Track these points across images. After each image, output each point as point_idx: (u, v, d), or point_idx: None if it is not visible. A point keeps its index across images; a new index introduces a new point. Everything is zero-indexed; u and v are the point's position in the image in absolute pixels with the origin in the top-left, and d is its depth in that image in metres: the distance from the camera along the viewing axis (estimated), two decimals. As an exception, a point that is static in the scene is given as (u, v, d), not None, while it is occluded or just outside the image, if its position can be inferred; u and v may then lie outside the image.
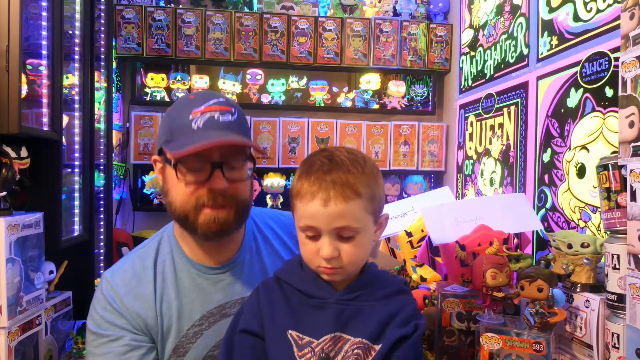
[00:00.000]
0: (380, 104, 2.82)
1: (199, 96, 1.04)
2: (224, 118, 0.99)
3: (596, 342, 0.99)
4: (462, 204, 1.56)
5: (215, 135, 0.96)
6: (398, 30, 2.66)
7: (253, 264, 1.14)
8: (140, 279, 1.06)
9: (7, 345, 1.21)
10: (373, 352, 0.85)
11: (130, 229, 2.60)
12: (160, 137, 1.04)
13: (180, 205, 1.00)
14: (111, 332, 1.01)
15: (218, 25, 2.54)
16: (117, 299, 1.04)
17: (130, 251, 1.15)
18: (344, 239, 0.85)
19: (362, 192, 0.84)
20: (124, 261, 1.11)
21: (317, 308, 0.88)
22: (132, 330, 1.02)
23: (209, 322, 1.07)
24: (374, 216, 0.89)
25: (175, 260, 1.09)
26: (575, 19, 1.55)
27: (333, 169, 0.85)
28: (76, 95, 1.94)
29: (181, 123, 0.98)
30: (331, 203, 0.82)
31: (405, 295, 0.94)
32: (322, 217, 0.83)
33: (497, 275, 1.06)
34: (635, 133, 0.91)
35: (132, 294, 1.04)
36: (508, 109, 1.96)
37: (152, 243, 1.13)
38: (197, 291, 1.07)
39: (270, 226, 1.22)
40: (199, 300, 1.07)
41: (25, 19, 1.44)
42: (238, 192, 1.02)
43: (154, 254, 1.10)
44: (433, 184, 2.85)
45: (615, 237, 0.98)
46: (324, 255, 0.84)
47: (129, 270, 1.08)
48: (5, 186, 1.28)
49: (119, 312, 1.03)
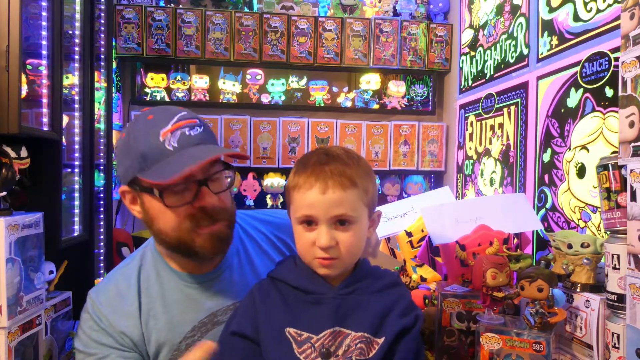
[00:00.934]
0: (380, 104, 2.82)
1: (158, 115, 0.98)
2: (194, 132, 0.96)
3: (596, 342, 0.99)
4: (462, 204, 1.56)
5: (195, 151, 0.93)
6: (398, 30, 2.66)
7: (242, 267, 1.12)
8: (123, 297, 1.05)
9: (7, 345, 1.21)
10: (376, 345, 0.85)
11: (130, 229, 2.60)
12: (128, 167, 0.97)
13: (172, 232, 0.97)
14: (98, 351, 1.00)
15: (218, 25, 2.54)
16: (102, 318, 1.02)
17: (114, 269, 1.14)
18: (341, 228, 0.86)
19: (358, 182, 0.87)
20: (108, 279, 1.10)
21: (314, 304, 0.88)
22: (119, 347, 1.01)
23: (201, 332, 1.05)
24: (369, 209, 0.90)
25: (161, 274, 1.07)
26: (575, 19, 1.55)
27: (330, 161, 0.88)
28: (76, 95, 1.94)
29: (153, 147, 0.93)
30: (329, 191, 0.84)
31: (399, 287, 0.96)
32: (320, 205, 0.85)
33: (497, 275, 1.06)
34: (635, 133, 0.91)
35: (117, 312, 1.03)
36: (508, 109, 1.96)
37: (134, 260, 1.11)
38: (187, 302, 1.05)
39: (256, 227, 1.20)
40: (189, 311, 1.05)
41: (25, 19, 1.44)
42: (225, 203, 1.01)
43: (137, 271, 1.08)
44: (433, 184, 2.85)
45: (615, 237, 0.98)
46: (322, 244, 0.85)
47: (112, 289, 1.06)
48: (5, 186, 1.28)
49: (105, 331, 1.02)
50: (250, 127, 2.61)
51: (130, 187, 1.00)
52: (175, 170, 0.89)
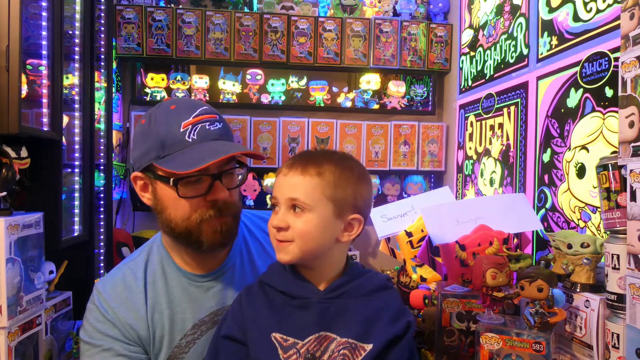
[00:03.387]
0: (380, 104, 2.82)
1: (180, 106, 1.01)
2: (214, 127, 0.99)
3: (596, 342, 0.99)
4: (462, 204, 1.56)
5: (214, 145, 0.96)
6: (398, 30, 2.66)
7: (244, 267, 1.13)
8: (131, 290, 1.06)
9: (7, 345, 1.21)
10: (362, 352, 0.84)
11: (130, 229, 2.60)
12: (145, 152, 0.99)
13: (181, 221, 0.99)
14: (103, 342, 1.01)
15: (218, 25, 2.54)
16: (109, 310, 1.03)
17: (121, 262, 1.14)
18: (294, 213, 0.86)
19: (326, 175, 0.86)
20: (114, 272, 1.11)
21: (301, 308, 0.87)
22: (124, 340, 1.02)
23: (201, 330, 1.06)
24: (336, 207, 0.87)
25: (166, 270, 1.09)
26: (575, 19, 1.55)
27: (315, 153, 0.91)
28: (76, 95, 1.94)
29: (173, 136, 0.95)
30: (290, 174, 0.87)
31: (389, 290, 0.94)
32: (281, 186, 0.88)
33: (497, 275, 1.06)
34: (635, 133, 0.91)
35: (124, 305, 1.04)
36: (508, 109, 1.96)
37: (142, 254, 1.12)
38: (189, 300, 1.07)
39: (260, 227, 1.21)
40: (191, 309, 1.06)
41: (25, 19, 1.44)
42: (234, 199, 1.04)
43: (144, 264, 1.09)
44: (433, 184, 2.85)
45: (615, 237, 0.98)
46: (272, 223, 0.87)
47: (119, 281, 1.07)
48: (5, 186, 1.28)
49: (111, 322, 1.03)
50: (250, 127, 2.61)
51: (144, 173, 1.02)
52: (194, 162, 0.92)
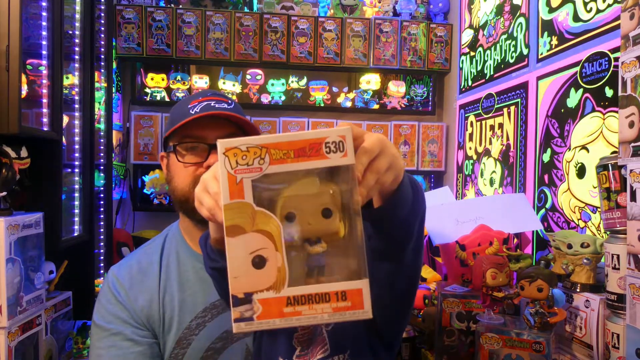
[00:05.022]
0: (380, 104, 2.82)
1: (199, 93, 1.14)
2: (220, 105, 1.05)
3: (596, 342, 0.99)
4: (462, 204, 1.56)
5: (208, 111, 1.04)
6: (398, 30, 2.66)
7: None
8: (145, 273, 1.09)
9: (7, 345, 1.21)
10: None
11: (130, 229, 2.60)
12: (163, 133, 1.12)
13: (181, 188, 1.05)
14: (113, 326, 1.04)
15: (218, 26, 2.54)
16: (122, 292, 1.07)
17: (138, 248, 1.19)
18: None
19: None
20: (130, 256, 1.15)
21: None
22: (133, 324, 1.05)
23: (212, 314, 1.08)
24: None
25: (180, 254, 1.12)
26: (575, 19, 1.55)
27: None
28: (76, 95, 1.94)
29: (180, 112, 1.06)
30: None
31: None
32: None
33: (497, 275, 1.06)
34: (635, 133, 0.91)
35: (137, 287, 1.07)
36: (508, 109, 1.96)
37: (158, 240, 1.17)
38: (201, 283, 1.09)
39: None
40: (202, 293, 1.08)
41: (25, 19, 1.44)
42: None
43: (160, 249, 1.13)
44: (433, 184, 2.85)
45: (615, 237, 0.98)
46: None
47: (134, 265, 1.11)
48: (5, 186, 1.28)
49: (122, 304, 1.05)
50: (250, 127, 2.61)
51: (165, 151, 1.11)
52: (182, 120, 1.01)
